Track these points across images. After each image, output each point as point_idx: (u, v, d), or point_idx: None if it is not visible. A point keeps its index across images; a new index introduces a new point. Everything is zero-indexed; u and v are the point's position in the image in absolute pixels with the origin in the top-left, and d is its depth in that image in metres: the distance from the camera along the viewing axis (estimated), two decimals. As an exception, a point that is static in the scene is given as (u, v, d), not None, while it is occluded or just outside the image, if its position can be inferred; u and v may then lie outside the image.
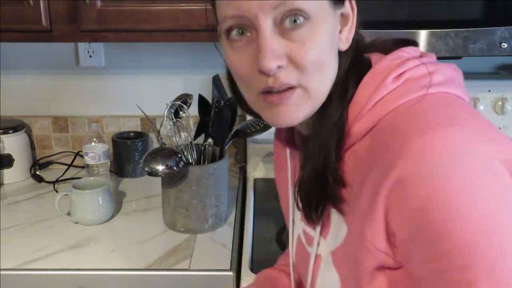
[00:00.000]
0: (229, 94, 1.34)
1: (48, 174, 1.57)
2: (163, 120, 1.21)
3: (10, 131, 1.53)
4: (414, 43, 0.67)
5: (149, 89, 1.62)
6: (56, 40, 1.26)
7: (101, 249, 1.17)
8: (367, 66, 0.64)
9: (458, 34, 1.09)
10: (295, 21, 0.58)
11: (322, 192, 0.64)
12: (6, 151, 1.52)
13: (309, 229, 0.72)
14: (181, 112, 1.24)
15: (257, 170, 1.56)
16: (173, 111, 1.22)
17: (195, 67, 1.59)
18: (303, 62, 0.59)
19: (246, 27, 0.60)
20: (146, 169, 1.14)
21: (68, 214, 1.27)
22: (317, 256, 0.70)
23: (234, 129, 1.30)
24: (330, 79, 0.63)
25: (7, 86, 1.62)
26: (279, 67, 0.59)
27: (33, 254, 1.14)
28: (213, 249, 1.17)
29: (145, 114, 1.31)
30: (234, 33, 0.61)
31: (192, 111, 1.27)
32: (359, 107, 0.61)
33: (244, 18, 0.59)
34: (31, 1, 1.21)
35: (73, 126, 1.65)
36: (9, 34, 1.25)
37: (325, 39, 0.60)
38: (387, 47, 0.66)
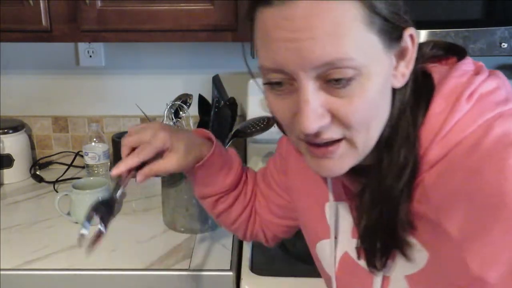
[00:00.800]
0: (229, 94, 1.35)
1: (48, 174, 1.57)
2: (163, 120, 1.21)
3: (10, 131, 1.53)
4: (463, 50, 0.64)
5: (149, 89, 1.62)
6: (56, 40, 1.26)
7: (101, 249, 1.17)
8: (431, 86, 0.59)
9: (458, 34, 1.09)
10: (339, 79, 0.52)
11: (389, 239, 0.60)
12: (6, 151, 1.52)
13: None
14: (181, 112, 1.24)
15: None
16: (173, 111, 1.22)
17: (195, 67, 1.59)
18: (349, 121, 0.54)
19: (287, 80, 0.55)
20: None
21: (68, 214, 1.27)
22: (385, 278, 0.65)
23: (234, 129, 1.30)
24: (380, 127, 0.58)
25: (7, 86, 1.62)
26: (321, 127, 0.54)
27: (33, 254, 1.14)
28: (213, 249, 1.17)
29: (145, 114, 1.31)
30: (272, 81, 0.56)
31: (192, 111, 1.27)
32: (433, 133, 0.56)
33: (283, 72, 0.54)
34: (31, 1, 1.21)
35: (73, 126, 1.65)
36: (9, 34, 1.25)
37: (377, 90, 0.54)
38: (439, 56, 0.63)
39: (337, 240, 0.72)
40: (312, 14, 0.50)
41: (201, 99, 1.30)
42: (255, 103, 1.49)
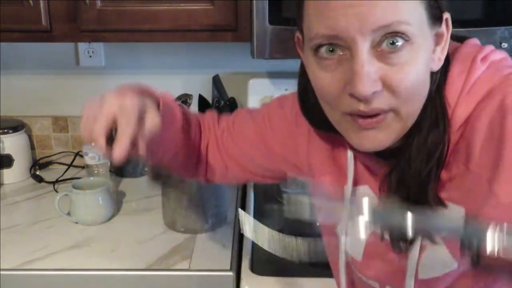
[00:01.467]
0: (229, 94, 1.35)
1: (48, 174, 1.57)
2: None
3: (10, 131, 1.53)
4: (469, 38, 0.67)
5: (149, 89, 1.62)
6: (56, 40, 1.26)
7: (101, 249, 1.17)
8: (446, 56, 0.62)
9: (458, 34, 1.09)
10: (394, 43, 0.54)
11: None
12: (6, 151, 1.52)
13: None
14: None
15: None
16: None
17: (195, 67, 1.59)
18: (399, 89, 0.56)
19: (339, 47, 0.56)
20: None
21: (68, 214, 1.27)
22: (422, 246, 0.66)
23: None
24: (422, 101, 0.60)
25: (7, 86, 1.62)
26: (374, 92, 0.55)
27: (33, 254, 1.14)
28: (213, 249, 1.16)
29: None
30: (323, 50, 0.57)
31: (192, 111, 1.27)
32: (457, 93, 0.60)
33: (339, 38, 0.55)
34: (31, 1, 1.21)
35: (73, 126, 1.65)
36: (9, 34, 1.25)
37: (423, 63, 0.57)
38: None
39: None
40: None
41: (201, 99, 1.30)
42: (255, 103, 1.49)
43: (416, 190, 0.62)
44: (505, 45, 1.10)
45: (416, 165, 0.61)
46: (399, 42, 0.54)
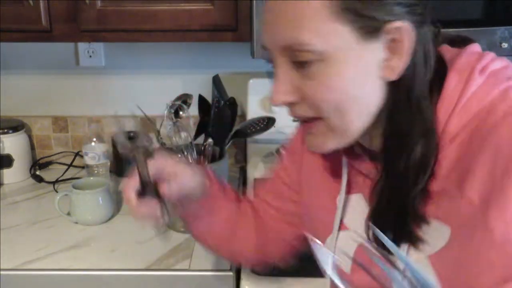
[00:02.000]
0: (229, 94, 1.35)
1: (48, 174, 1.57)
2: (163, 120, 1.22)
3: (10, 131, 1.53)
4: (469, 40, 0.66)
5: (149, 89, 1.62)
6: (56, 40, 1.26)
7: (101, 249, 1.17)
8: (443, 64, 0.61)
9: (461, 35, 1.09)
10: (301, 61, 0.56)
11: (399, 230, 0.61)
12: (6, 151, 1.52)
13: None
14: (181, 112, 1.24)
15: (257, 170, 1.56)
16: (173, 111, 1.22)
17: (195, 67, 1.59)
18: (315, 102, 0.57)
19: (272, 60, 0.61)
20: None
21: (68, 214, 1.27)
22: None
23: (234, 129, 1.30)
24: (362, 116, 0.59)
25: (7, 86, 1.62)
26: (291, 103, 0.58)
27: (33, 254, 1.14)
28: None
29: (145, 114, 1.31)
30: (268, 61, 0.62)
31: (192, 111, 1.27)
32: (451, 106, 0.58)
33: (268, 50, 0.60)
34: (31, 1, 1.21)
35: (73, 126, 1.65)
36: (9, 34, 1.25)
37: (346, 79, 0.56)
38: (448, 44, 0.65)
39: (351, 232, 0.72)
40: (281, 2, 0.57)
41: (201, 99, 1.30)
42: (255, 103, 1.49)
43: (399, 201, 0.60)
44: (505, 45, 1.10)
45: (400, 176, 0.60)
46: (305, 59, 0.56)
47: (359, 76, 0.57)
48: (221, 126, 1.25)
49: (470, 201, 0.56)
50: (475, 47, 0.63)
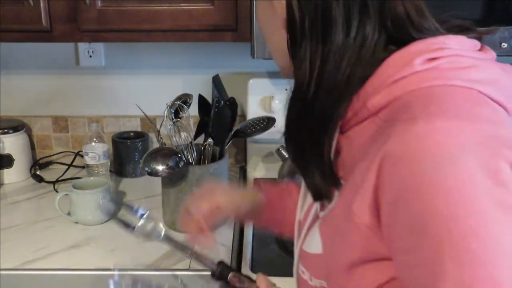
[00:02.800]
0: (229, 94, 1.35)
1: (48, 174, 1.57)
2: (163, 120, 1.22)
3: (10, 131, 1.53)
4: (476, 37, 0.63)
5: (149, 89, 1.62)
6: (56, 40, 1.26)
7: (101, 249, 1.17)
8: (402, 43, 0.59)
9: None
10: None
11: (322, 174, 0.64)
12: (6, 151, 1.52)
13: None
14: (181, 112, 1.24)
15: (257, 170, 1.56)
16: (173, 111, 1.22)
17: (195, 67, 1.59)
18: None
19: None
20: (146, 169, 1.14)
21: (68, 214, 1.27)
22: (316, 218, 0.70)
23: (235, 129, 1.30)
24: (280, 56, 0.68)
25: (7, 86, 1.62)
26: None
27: (33, 254, 1.14)
28: (213, 249, 1.16)
29: (145, 114, 1.31)
30: None
31: (192, 111, 1.27)
32: (380, 81, 0.58)
33: None
34: (31, 1, 1.21)
35: (73, 126, 1.65)
36: (9, 34, 1.25)
37: (264, 24, 0.70)
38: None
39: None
40: None
41: (201, 99, 1.30)
42: (255, 103, 1.50)
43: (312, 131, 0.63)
44: (505, 45, 1.10)
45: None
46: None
47: (269, 25, 0.68)
48: (221, 126, 1.25)
49: (354, 183, 0.58)
50: (457, 40, 0.60)
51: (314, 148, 0.63)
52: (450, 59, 0.57)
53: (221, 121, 1.24)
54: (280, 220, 0.91)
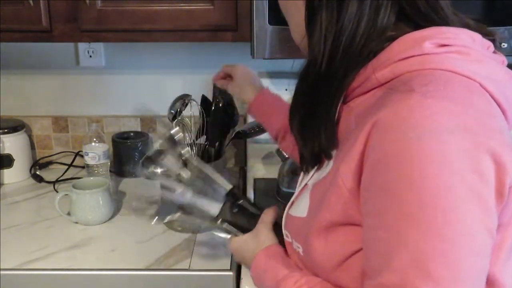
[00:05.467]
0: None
1: (48, 174, 1.57)
2: (163, 120, 1.22)
3: (10, 131, 1.53)
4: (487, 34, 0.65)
5: (149, 89, 1.62)
6: (56, 40, 1.26)
7: (101, 249, 1.17)
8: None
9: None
10: None
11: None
12: (6, 151, 1.52)
13: None
14: (181, 112, 1.24)
15: (257, 170, 1.56)
16: (173, 111, 1.23)
17: (195, 67, 1.59)
18: None
19: None
20: (144, 172, 1.14)
21: (68, 214, 1.27)
22: (305, 186, 0.73)
23: (237, 130, 1.30)
24: (298, 29, 0.70)
25: (7, 86, 1.62)
26: None
27: (33, 254, 1.14)
28: (213, 249, 1.17)
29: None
30: None
31: (193, 111, 1.27)
32: (389, 57, 0.60)
33: None
34: (31, 1, 1.21)
35: (73, 126, 1.65)
36: (9, 34, 1.25)
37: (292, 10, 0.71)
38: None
39: None
40: None
41: (204, 98, 1.30)
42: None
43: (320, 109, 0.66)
44: (504, 45, 1.10)
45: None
46: None
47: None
48: (216, 126, 1.25)
49: (346, 149, 0.61)
50: (468, 34, 0.62)
51: (322, 115, 0.65)
52: (459, 48, 0.59)
53: (218, 121, 1.25)
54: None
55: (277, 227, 0.82)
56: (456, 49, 0.59)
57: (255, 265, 0.79)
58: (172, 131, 0.89)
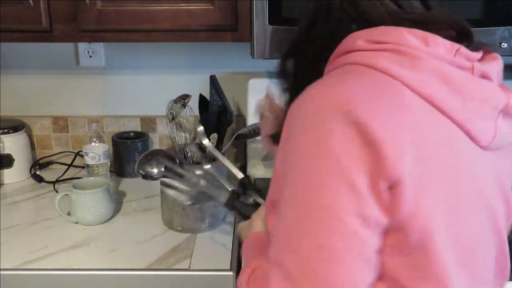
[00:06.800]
0: (229, 94, 1.35)
1: (48, 174, 1.57)
2: (163, 120, 1.22)
3: (10, 131, 1.53)
4: (466, 34, 0.66)
5: (149, 89, 1.62)
6: (56, 40, 1.26)
7: (101, 249, 1.17)
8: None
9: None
10: None
11: None
12: (6, 151, 1.52)
13: None
14: (181, 112, 1.24)
15: (257, 170, 1.56)
16: (173, 111, 1.23)
17: (195, 67, 1.59)
18: None
19: None
20: (141, 171, 1.14)
21: (68, 214, 1.27)
22: None
23: (239, 132, 1.30)
24: None
25: (7, 86, 1.62)
26: None
27: (33, 254, 1.14)
28: (213, 249, 1.17)
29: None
30: None
31: (193, 111, 1.27)
32: (337, 51, 0.67)
33: None
34: (31, 1, 1.21)
35: (73, 126, 1.65)
36: (9, 34, 1.25)
37: None
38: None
39: None
40: None
41: (202, 98, 1.30)
42: (254, 103, 1.49)
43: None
44: (504, 45, 1.10)
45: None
46: None
47: None
48: (211, 126, 1.25)
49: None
50: (422, 36, 0.63)
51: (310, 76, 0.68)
52: (392, 46, 0.62)
53: (213, 122, 1.25)
54: None
55: None
56: (386, 46, 0.62)
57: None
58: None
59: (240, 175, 0.97)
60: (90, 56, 1.58)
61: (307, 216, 0.56)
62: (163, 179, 0.98)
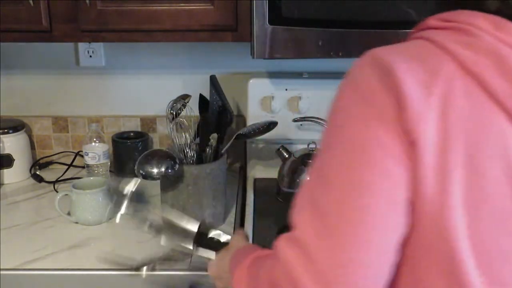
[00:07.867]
0: (229, 94, 1.35)
1: (48, 174, 1.57)
2: (163, 120, 1.21)
3: (10, 131, 1.53)
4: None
5: (149, 89, 1.62)
6: (56, 40, 1.26)
7: (101, 249, 1.17)
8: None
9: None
10: None
11: None
12: (6, 151, 1.52)
13: None
14: (181, 112, 1.24)
15: (257, 170, 1.56)
16: (173, 111, 1.23)
17: (195, 67, 1.59)
18: None
19: None
20: (141, 172, 1.14)
21: (68, 214, 1.27)
22: None
23: (238, 132, 1.30)
24: None
25: (7, 86, 1.62)
26: None
27: (33, 254, 1.14)
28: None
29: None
30: None
31: (192, 111, 1.27)
32: (422, 26, 0.68)
33: None
34: (31, 1, 1.21)
35: (73, 126, 1.65)
36: (9, 34, 1.25)
37: None
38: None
39: None
40: None
41: (202, 98, 1.30)
42: (255, 103, 1.49)
43: None
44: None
45: None
46: None
47: None
48: (208, 128, 1.25)
49: None
50: (481, 17, 0.62)
51: None
52: (458, 25, 0.63)
53: (213, 122, 1.25)
54: None
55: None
56: (452, 25, 0.63)
57: (229, 269, 0.83)
58: None
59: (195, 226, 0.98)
60: (90, 56, 1.58)
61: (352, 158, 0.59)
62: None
